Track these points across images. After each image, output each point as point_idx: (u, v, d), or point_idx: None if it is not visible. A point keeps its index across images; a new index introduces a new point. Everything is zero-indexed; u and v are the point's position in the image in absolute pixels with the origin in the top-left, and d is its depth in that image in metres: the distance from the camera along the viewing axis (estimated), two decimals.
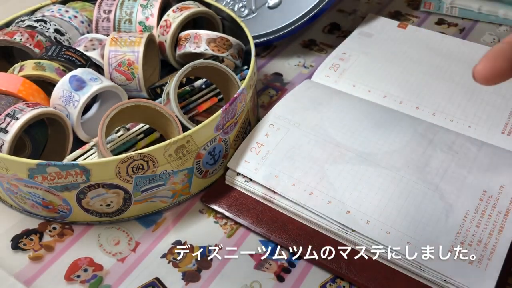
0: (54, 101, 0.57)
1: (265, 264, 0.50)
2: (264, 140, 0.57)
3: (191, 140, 0.51)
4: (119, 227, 0.53)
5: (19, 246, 0.52)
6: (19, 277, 0.49)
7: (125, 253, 0.51)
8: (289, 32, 0.72)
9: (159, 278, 0.49)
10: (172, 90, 0.55)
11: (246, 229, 0.53)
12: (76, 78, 0.57)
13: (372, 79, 0.67)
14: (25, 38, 0.62)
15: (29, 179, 0.49)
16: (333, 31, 0.81)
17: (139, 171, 0.49)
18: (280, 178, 0.53)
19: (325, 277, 0.49)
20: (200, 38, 0.64)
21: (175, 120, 0.54)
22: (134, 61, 0.61)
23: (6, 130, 0.51)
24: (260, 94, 0.69)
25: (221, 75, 0.58)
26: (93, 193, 0.50)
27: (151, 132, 0.59)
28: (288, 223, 0.52)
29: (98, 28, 0.68)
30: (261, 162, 0.55)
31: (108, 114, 0.52)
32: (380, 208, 0.50)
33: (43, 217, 0.54)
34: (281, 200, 0.52)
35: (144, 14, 0.68)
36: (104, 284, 0.48)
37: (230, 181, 0.55)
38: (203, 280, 0.48)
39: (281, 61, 0.75)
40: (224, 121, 0.53)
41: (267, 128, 0.58)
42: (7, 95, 0.55)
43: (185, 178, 0.53)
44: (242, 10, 0.76)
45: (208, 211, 0.55)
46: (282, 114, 0.60)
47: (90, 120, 0.63)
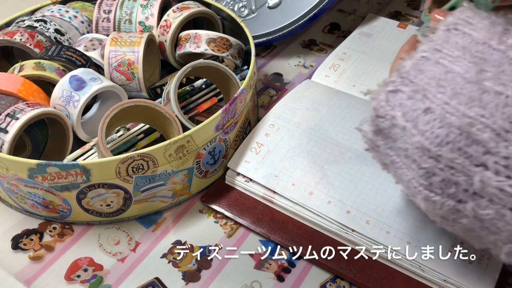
0: (54, 101, 0.57)
1: (265, 264, 0.50)
2: (264, 140, 0.57)
3: (191, 140, 0.51)
4: (119, 227, 0.53)
5: (19, 246, 0.52)
6: (19, 277, 0.49)
7: (125, 253, 0.51)
8: (289, 32, 0.72)
9: (159, 278, 0.49)
10: (172, 90, 0.55)
11: (246, 229, 0.53)
12: (76, 78, 0.57)
13: (372, 79, 0.67)
14: (25, 38, 0.62)
15: (29, 179, 0.49)
16: (333, 31, 0.81)
17: (139, 171, 0.49)
18: (280, 178, 0.53)
19: (325, 277, 0.49)
20: (200, 38, 0.64)
21: (175, 120, 0.54)
22: (134, 61, 0.61)
23: (6, 130, 0.51)
24: (260, 94, 0.69)
25: (221, 75, 0.58)
26: (93, 193, 0.50)
27: (151, 132, 0.59)
28: (288, 223, 0.52)
29: (98, 28, 0.68)
30: (261, 162, 0.55)
31: (108, 114, 0.52)
32: (380, 208, 0.50)
33: (43, 217, 0.54)
34: (281, 200, 0.52)
35: (144, 14, 0.68)
36: (104, 284, 0.48)
37: (230, 181, 0.55)
38: (203, 280, 0.48)
39: (281, 61, 0.75)
40: (224, 121, 0.53)
41: (267, 128, 0.58)
42: (7, 95, 0.55)
43: (185, 178, 0.53)
44: (242, 10, 0.76)
45: (208, 211, 0.55)
46: (282, 114, 0.60)
47: (90, 120, 0.63)
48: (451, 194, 0.35)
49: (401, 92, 0.37)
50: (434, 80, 0.36)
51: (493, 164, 0.32)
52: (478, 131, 0.33)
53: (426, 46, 0.38)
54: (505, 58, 0.35)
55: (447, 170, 0.34)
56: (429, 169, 0.35)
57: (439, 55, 0.37)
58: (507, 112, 0.33)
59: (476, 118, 0.33)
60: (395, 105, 0.37)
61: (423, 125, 0.35)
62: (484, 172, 0.33)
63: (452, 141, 0.34)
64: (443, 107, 0.35)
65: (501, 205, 0.33)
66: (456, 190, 0.34)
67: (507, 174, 0.32)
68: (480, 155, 0.33)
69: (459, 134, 0.33)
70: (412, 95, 0.36)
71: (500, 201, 0.33)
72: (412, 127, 0.36)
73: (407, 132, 0.36)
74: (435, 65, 0.37)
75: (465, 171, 0.33)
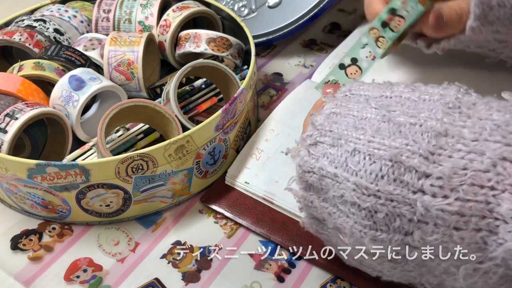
0: (54, 101, 0.57)
1: (265, 265, 0.49)
2: (264, 146, 0.57)
3: (191, 140, 0.51)
4: (119, 227, 0.53)
5: (19, 247, 0.52)
6: (19, 277, 0.49)
7: (125, 253, 0.51)
8: (289, 32, 0.72)
9: (159, 278, 0.49)
10: (172, 90, 0.55)
11: (246, 229, 0.53)
12: (75, 78, 0.57)
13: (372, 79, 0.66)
14: (25, 38, 0.62)
15: (29, 179, 0.49)
16: (333, 30, 0.81)
17: (138, 171, 0.49)
18: (280, 184, 0.53)
19: (325, 277, 0.48)
20: (200, 37, 0.64)
21: (175, 120, 0.54)
22: (133, 61, 0.61)
23: (5, 130, 0.51)
24: (260, 94, 0.69)
25: (221, 75, 0.58)
26: (92, 193, 0.50)
27: (151, 132, 0.58)
28: (288, 223, 0.51)
29: (98, 28, 0.68)
30: (261, 168, 0.55)
31: (107, 114, 0.51)
32: None
33: (42, 217, 0.54)
34: (281, 201, 0.52)
35: (143, 14, 0.68)
36: (104, 284, 0.48)
37: (230, 181, 0.55)
38: (203, 280, 0.48)
39: (281, 61, 0.75)
40: (224, 121, 0.53)
41: (268, 133, 0.58)
42: (7, 95, 0.55)
43: (185, 178, 0.53)
44: (242, 9, 0.76)
45: (208, 211, 0.55)
46: (282, 119, 0.59)
47: (90, 120, 0.62)
48: (397, 227, 0.36)
49: (322, 143, 0.39)
50: (350, 126, 0.38)
51: (430, 187, 0.34)
52: (408, 158, 0.35)
53: (332, 103, 0.41)
54: (402, 100, 0.39)
55: (389, 204, 0.35)
56: (370, 207, 0.36)
57: (347, 109, 0.40)
58: (426, 138, 0.35)
59: (402, 147, 0.35)
60: (319, 156, 0.39)
61: (354, 165, 0.37)
62: (423, 197, 0.34)
63: (386, 173, 0.35)
64: (368, 145, 0.36)
65: (446, 226, 0.34)
66: (401, 222, 0.35)
67: (444, 194, 0.34)
68: (415, 181, 0.34)
69: (391, 166, 0.35)
70: (334, 143, 0.38)
71: (444, 222, 0.34)
72: (343, 171, 0.37)
73: (339, 178, 0.37)
74: (346, 116, 0.39)
75: (406, 200, 0.35)
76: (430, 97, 0.38)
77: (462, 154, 0.34)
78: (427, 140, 0.35)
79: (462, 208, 0.33)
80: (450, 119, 0.36)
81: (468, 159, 0.34)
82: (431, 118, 0.36)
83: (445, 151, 0.34)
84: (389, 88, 0.41)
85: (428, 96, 0.38)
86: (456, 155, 0.34)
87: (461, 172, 0.33)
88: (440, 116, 0.36)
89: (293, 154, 0.41)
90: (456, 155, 0.34)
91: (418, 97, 0.38)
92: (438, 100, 0.37)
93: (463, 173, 0.33)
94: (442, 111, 0.36)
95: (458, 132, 0.35)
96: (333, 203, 0.39)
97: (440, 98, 0.38)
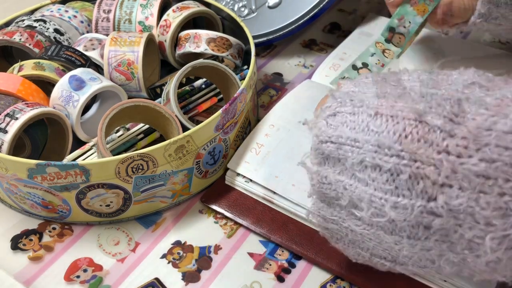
0: (54, 101, 0.57)
1: (265, 264, 0.49)
2: (264, 141, 0.57)
3: (191, 140, 0.51)
4: (119, 227, 0.53)
5: (19, 247, 0.52)
6: (19, 277, 0.49)
7: (125, 253, 0.51)
8: (289, 32, 0.72)
9: (159, 278, 0.49)
10: (172, 90, 0.55)
11: (246, 229, 0.53)
12: (75, 78, 0.57)
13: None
14: (25, 38, 0.62)
15: (29, 179, 0.49)
16: (333, 30, 0.81)
17: (139, 171, 0.49)
18: (280, 179, 0.53)
19: (325, 277, 0.49)
20: (200, 38, 0.64)
21: (175, 120, 0.54)
22: (133, 61, 0.61)
23: (5, 130, 0.51)
24: (260, 94, 0.69)
25: (221, 75, 0.58)
26: (92, 193, 0.50)
27: (151, 132, 0.58)
28: (288, 223, 0.51)
29: (98, 28, 0.68)
30: (261, 163, 0.54)
31: (108, 114, 0.51)
32: None
33: (42, 217, 0.54)
34: (281, 200, 0.52)
35: (144, 14, 0.68)
36: (104, 284, 0.48)
37: (230, 181, 0.55)
38: (203, 280, 0.48)
39: (281, 61, 0.75)
40: (224, 121, 0.53)
41: (267, 128, 0.58)
42: (7, 95, 0.55)
43: (185, 178, 0.53)
44: (242, 9, 0.76)
45: (208, 211, 0.55)
46: (282, 115, 0.59)
47: (90, 120, 0.62)
48: (419, 192, 0.34)
49: (341, 113, 0.39)
50: (370, 97, 0.38)
51: (455, 147, 0.33)
52: (432, 119, 0.34)
53: (350, 84, 0.41)
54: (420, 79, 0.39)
55: (412, 164, 0.34)
56: (392, 169, 0.35)
57: (366, 87, 0.40)
58: (449, 103, 0.35)
59: (426, 110, 0.35)
60: (338, 125, 0.38)
61: (377, 127, 0.36)
62: (449, 157, 0.33)
63: (410, 132, 0.35)
64: (391, 108, 0.36)
65: (472, 189, 0.33)
66: (424, 184, 0.34)
67: (469, 154, 0.33)
68: (440, 141, 0.34)
69: (416, 126, 0.35)
70: (355, 111, 0.38)
71: (469, 184, 0.33)
72: (364, 135, 0.36)
73: (360, 143, 0.37)
74: (365, 92, 0.39)
75: (430, 160, 0.34)
76: (448, 77, 0.38)
77: (485, 117, 0.33)
78: (450, 104, 0.35)
79: (487, 169, 0.32)
80: (470, 89, 0.36)
81: (491, 121, 0.33)
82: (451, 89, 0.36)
83: (469, 114, 0.34)
84: (406, 72, 0.40)
85: (446, 76, 0.38)
86: (479, 118, 0.34)
87: (485, 133, 0.33)
88: (461, 88, 0.36)
89: (310, 125, 0.40)
90: (479, 118, 0.34)
91: (436, 76, 0.38)
92: (457, 79, 0.37)
93: (487, 134, 0.33)
94: (462, 85, 0.36)
95: (480, 99, 0.35)
96: (350, 174, 0.38)
97: (458, 77, 0.38)
